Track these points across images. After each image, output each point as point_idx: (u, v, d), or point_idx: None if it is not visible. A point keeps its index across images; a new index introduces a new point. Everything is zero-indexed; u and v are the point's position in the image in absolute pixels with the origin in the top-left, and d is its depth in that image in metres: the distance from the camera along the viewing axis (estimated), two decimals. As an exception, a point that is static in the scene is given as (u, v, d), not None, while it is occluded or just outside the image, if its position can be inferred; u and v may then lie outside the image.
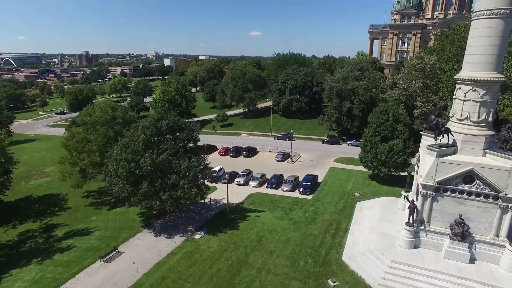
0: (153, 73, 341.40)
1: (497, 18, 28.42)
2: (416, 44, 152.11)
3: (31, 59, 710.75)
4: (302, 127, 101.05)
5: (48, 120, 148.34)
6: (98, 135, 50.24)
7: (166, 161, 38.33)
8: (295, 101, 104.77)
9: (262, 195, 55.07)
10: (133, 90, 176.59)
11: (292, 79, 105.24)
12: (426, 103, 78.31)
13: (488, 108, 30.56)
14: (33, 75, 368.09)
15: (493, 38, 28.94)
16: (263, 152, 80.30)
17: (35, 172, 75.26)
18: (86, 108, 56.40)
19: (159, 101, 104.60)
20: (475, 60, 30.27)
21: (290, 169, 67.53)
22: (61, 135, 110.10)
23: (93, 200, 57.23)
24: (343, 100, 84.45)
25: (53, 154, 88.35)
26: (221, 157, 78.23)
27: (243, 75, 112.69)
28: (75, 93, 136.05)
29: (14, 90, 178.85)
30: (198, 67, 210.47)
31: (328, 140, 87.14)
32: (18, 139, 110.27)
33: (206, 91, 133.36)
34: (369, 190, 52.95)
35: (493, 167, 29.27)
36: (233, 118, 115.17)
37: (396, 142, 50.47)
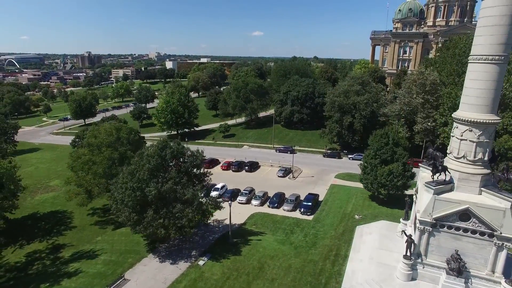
0: (155, 76, 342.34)
1: (493, 64, 29.30)
2: (417, 53, 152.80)
3: (34, 60, 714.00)
4: (303, 138, 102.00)
5: (51, 127, 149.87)
6: (104, 157, 51.36)
7: (171, 190, 39.38)
8: (297, 112, 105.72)
9: (264, 215, 56.09)
10: (136, 96, 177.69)
11: (294, 90, 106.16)
12: (427, 118, 79.12)
13: (484, 148, 31.45)
14: (36, 77, 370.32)
15: (489, 82, 29.84)
16: (265, 167, 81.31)
17: (41, 185, 76.41)
18: (92, 129, 57.38)
19: (162, 112, 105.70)
20: (471, 101, 31.17)
21: (291, 186, 68.57)
22: (65, 144, 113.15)
23: (98, 219, 58.37)
24: (344, 115, 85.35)
25: (58, 166, 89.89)
26: (223, 171, 79.25)
27: (245, 85, 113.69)
28: (79, 100, 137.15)
29: (18, 95, 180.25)
30: (200, 72, 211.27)
31: (329, 153, 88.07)
32: (22, 148, 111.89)
33: (209, 99, 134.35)
34: (369, 212, 53.87)
35: (488, 207, 30.17)
36: (235, 128, 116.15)
37: (396, 165, 51.37)
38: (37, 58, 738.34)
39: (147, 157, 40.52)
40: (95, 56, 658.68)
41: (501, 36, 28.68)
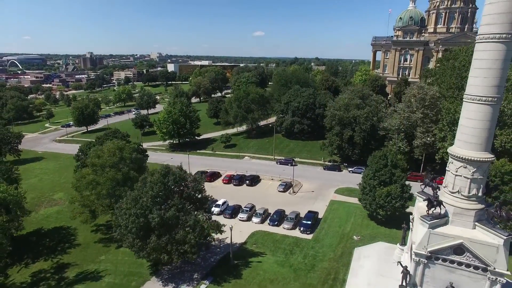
0: (157, 79, 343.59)
1: (487, 104, 30.18)
2: (418, 61, 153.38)
3: (36, 61, 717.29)
4: (304, 150, 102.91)
5: (54, 133, 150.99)
6: (107, 178, 52.36)
7: (173, 216, 40.38)
8: (298, 123, 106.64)
9: (264, 234, 57.09)
10: (138, 102, 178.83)
11: (294, 101, 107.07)
12: (426, 133, 79.93)
13: (478, 184, 32.33)
14: (38, 80, 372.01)
15: (483, 122, 30.71)
16: (265, 180, 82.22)
17: (44, 199, 77.50)
18: (95, 149, 58.36)
19: (163, 122, 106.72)
20: (466, 139, 32.04)
21: (291, 202, 69.52)
22: (68, 153, 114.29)
23: (102, 236, 59.39)
24: (344, 128, 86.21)
25: (61, 177, 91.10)
26: (225, 185, 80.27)
27: (246, 95, 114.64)
28: (81, 108, 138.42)
29: (21, 101, 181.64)
30: (202, 78, 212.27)
31: (330, 166, 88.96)
32: (26, 156, 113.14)
33: (210, 107, 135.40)
34: (367, 232, 54.78)
35: (482, 242, 31.06)
36: (236, 138, 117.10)
37: (394, 187, 52.25)
38: (39, 59, 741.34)
39: (150, 184, 41.48)
40: (97, 58, 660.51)
41: (495, 79, 29.57)
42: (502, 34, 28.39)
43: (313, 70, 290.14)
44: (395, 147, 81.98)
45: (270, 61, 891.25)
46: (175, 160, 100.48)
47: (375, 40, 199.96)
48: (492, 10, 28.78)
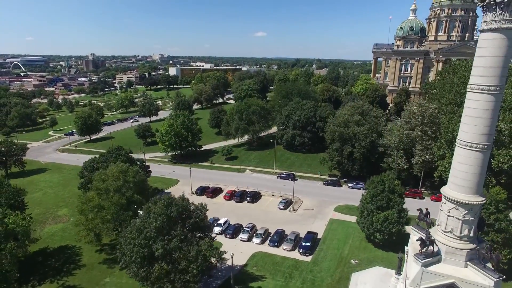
0: (159, 82, 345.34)
1: (477, 151, 31.37)
2: (418, 70, 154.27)
3: (39, 62, 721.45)
4: (304, 163, 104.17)
5: (58, 142, 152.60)
6: (112, 203, 53.83)
7: (176, 247, 41.77)
8: (298, 136, 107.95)
9: (264, 255, 58.52)
10: (140, 110, 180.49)
11: (295, 114, 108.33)
12: (425, 150, 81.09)
13: (470, 225, 33.54)
14: (41, 83, 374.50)
15: (474, 167, 31.91)
16: (266, 197, 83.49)
17: (49, 215, 79.08)
18: (100, 172, 59.80)
19: (166, 135, 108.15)
20: (458, 182, 33.24)
21: (291, 221, 70.90)
22: (72, 164, 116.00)
23: (106, 256, 60.87)
24: (344, 144, 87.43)
25: (65, 191, 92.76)
26: (226, 201, 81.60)
27: (248, 108, 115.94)
28: (84, 118, 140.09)
29: (25, 108, 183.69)
30: (203, 85, 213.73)
31: (329, 182, 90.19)
32: (30, 167, 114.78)
33: (212, 117, 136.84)
34: (365, 256, 56.06)
35: (473, 283, 32.25)
36: (238, 149, 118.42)
37: (391, 212, 53.48)
38: (42, 60, 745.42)
39: (154, 215, 42.87)
40: (99, 61, 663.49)
41: (484, 128, 30.77)
42: (491, 87, 29.59)
43: (314, 75, 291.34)
44: (394, 164, 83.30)
45: (271, 63, 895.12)
46: (177, 173, 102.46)
47: (376, 48, 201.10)
48: (481, 63, 29.99)
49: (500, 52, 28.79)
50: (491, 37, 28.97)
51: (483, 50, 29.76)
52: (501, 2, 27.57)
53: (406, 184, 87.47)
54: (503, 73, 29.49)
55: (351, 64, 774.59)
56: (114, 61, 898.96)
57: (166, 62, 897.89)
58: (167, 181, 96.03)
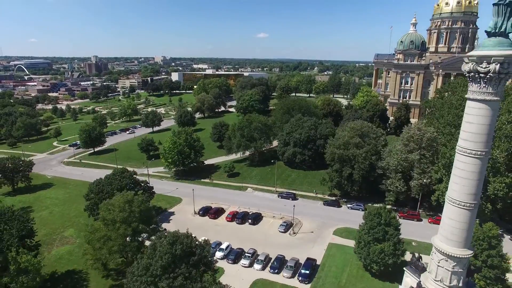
0: (161, 88, 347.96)
1: (465, 209, 33.30)
2: (419, 84, 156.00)
3: (42, 65, 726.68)
4: (304, 181, 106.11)
5: (62, 154, 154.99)
6: (118, 235, 55.99)
7: (181, 285, 43.82)
8: (299, 154, 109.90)
9: (265, 282, 60.70)
10: (143, 121, 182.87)
11: (296, 132, 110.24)
12: (423, 174, 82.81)
13: (459, 276, 35.48)
14: (45, 88, 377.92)
15: (462, 223, 33.90)
16: (267, 218, 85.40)
17: (56, 236, 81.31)
18: (106, 202, 61.92)
19: (169, 152, 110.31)
20: (447, 236, 35.19)
21: (291, 244, 72.94)
22: (77, 179, 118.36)
23: (113, 282, 62.92)
24: (344, 166, 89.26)
25: (71, 210, 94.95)
26: (228, 223, 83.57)
27: (249, 124, 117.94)
28: (88, 131, 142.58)
29: (30, 118, 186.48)
30: (206, 94, 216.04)
31: (329, 202, 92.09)
32: (36, 182, 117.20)
33: (214, 132, 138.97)
34: (362, 286, 58.02)
35: (461, 331, 34.22)
36: (239, 165, 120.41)
37: (387, 244, 55.35)
38: (45, 63, 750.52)
39: (159, 254, 44.95)
40: (101, 64, 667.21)
41: (472, 188, 32.73)
42: (477, 151, 31.51)
43: (316, 82, 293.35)
44: (392, 186, 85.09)
45: (273, 65, 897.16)
46: (181, 190, 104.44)
47: (377, 58, 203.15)
48: (468, 129, 31.92)
49: (485, 120, 30.72)
50: (477, 107, 30.89)
51: (470, 117, 31.66)
52: (485, 76, 29.46)
53: (404, 205, 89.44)
54: (488, 139, 31.40)
55: (353, 67, 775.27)
56: (117, 63, 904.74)
57: (168, 64, 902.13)
58: (170, 200, 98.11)
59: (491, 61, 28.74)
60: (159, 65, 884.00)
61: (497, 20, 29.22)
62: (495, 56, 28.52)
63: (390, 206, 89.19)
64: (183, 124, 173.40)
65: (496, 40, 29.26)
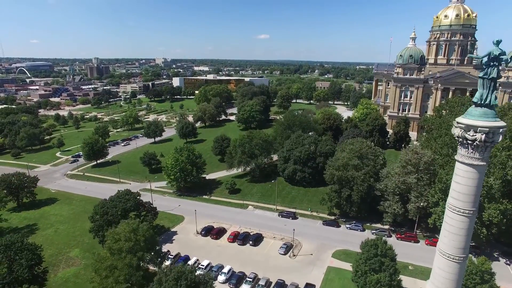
0: (163, 94, 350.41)
1: (455, 262, 35.28)
2: (418, 97, 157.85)
3: (44, 67, 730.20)
4: (305, 199, 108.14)
5: (66, 166, 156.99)
6: (124, 264, 58.10)
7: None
8: (299, 171, 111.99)
9: (265, 310, 62.65)
10: (145, 131, 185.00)
11: (296, 150, 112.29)
12: (420, 197, 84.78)
13: (449, 322, 37.41)
14: (47, 93, 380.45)
15: (451, 275, 35.85)
16: (268, 239, 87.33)
17: (62, 256, 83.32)
18: (112, 231, 63.95)
19: (171, 169, 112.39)
20: (438, 285, 37.11)
21: (291, 268, 74.97)
22: (81, 194, 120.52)
23: (117, 308, 65.11)
24: (343, 187, 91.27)
25: (76, 228, 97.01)
26: (229, 244, 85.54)
27: (250, 141, 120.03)
28: (91, 144, 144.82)
29: (33, 128, 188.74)
30: (207, 104, 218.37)
31: (328, 222, 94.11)
32: (40, 197, 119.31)
33: (215, 146, 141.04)
34: (359, 315, 60.04)
35: None
36: (240, 181, 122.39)
37: (383, 275, 57.31)
38: (47, 65, 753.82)
39: (165, 290, 47.14)
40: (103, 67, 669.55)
41: (461, 243, 34.70)
42: (465, 210, 33.51)
43: (316, 89, 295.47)
44: (390, 209, 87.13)
45: (274, 68, 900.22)
46: (183, 208, 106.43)
47: (377, 69, 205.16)
48: (457, 188, 33.92)
49: (473, 183, 32.72)
50: (465, 169, 32.88)
51: (459, 177, 33.67)
52: (472, 143, 31.46)
53: (401, 225, 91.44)
54: (475, 199, 33.40)
55: (354, 70, 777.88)
56: (118, 65, 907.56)
57: (169, 66, 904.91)
58: (173, 218, 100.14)
59: (477, 130, 30.72)
60: (160, 67, 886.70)
61: (482, 92, 31.20)
62: (481, 127, 30.49)
63: (388, 227, 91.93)
64: (184, 135, 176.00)
65: (482, 110, 31.24)
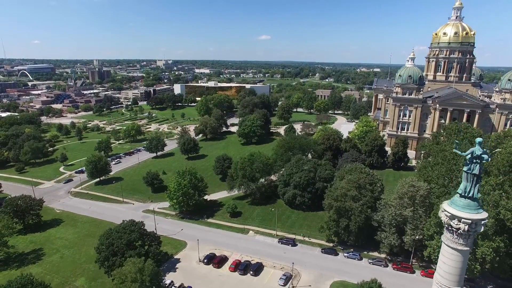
0: (164, 101, 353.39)
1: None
2: (417, 117, 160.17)
3: (45, 70, 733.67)
4: (304, 224, 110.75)
5: (70, 183, 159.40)
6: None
7: None
8: (299, 196, 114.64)
9: None
10: (147, 146, 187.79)
11: (296, 175, 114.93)
12: (416, 230, 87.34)
13: None
14: (49, 100, 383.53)
15: None
16: (268, 268, 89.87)
17: (68, 286, 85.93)
18: (119, 272, 66.68)
19: (174, 193, 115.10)
20: None
21: (290, 302, 77.66)
22: (85, 215, 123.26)
23: None
24: (341, 217, 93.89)
25: (81, 255, 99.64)
26: (231, 273, 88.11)
27: (251, 164, 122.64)
28: (95, 162, 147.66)
29: (37, 142, 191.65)
30: (208, 117, 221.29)
31: (327, 250, 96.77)
32: (45, 217, 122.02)
33: (216, 165, 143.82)
34: None
35: None
36: (241, 203, 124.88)
37: (379, 319, 60.08)
38: (48, 68, 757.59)
39: None
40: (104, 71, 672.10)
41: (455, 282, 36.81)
42: (451, 287, 36.08)
43: (317, 100, 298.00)
44: (386, 240, 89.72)
45: (274, 71, 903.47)
46: (185, 232, 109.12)
47: (376, 85, 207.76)
48: (443, 267, 36.43)
49: (457, 264, 35.29)
50: (450, 252, 35.45)
51: (445, 258, 36.23)
52: (456, 231, 34.02)
53: (397, 255, 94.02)
54: (460, 279, 35.93)
55: (354, 74, 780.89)
56: (119, 67, 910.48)
57: (170, 68, 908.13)
58: (175, 244, 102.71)
59: (461, 220, 33.26)
60: (161, 69, 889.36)
61: (466, 185, 33.76)
62: (464, 218, 33.06)
63: (385, 255, 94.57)
64: (186, 151, 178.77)
65: (466, 202, 33.77)
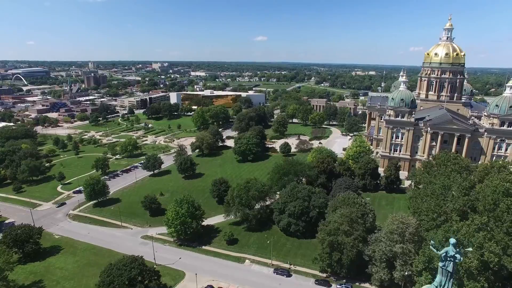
0: (160, 111, 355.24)
1: None
2: (409, 139, 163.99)
3: (40, 73, 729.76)
4: (298, 252, 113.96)
5: (68, 204, 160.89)
6: None
7: None
8: (294, 224, 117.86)
9: None
10: (144, 165, 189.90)
11: (290, 204, 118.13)
12: (405, 265, 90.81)
13: None
14: (45, 108, 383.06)
15: None
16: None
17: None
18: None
19: (172, 222, 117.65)
20: None
21: None
22: (84, 242, 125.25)
23: None
24: (333, 250, 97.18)
25: (81, 287, 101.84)
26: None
27: (247, 191, 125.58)
28: (93, 185, 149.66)
29: (35, 160, 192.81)
30: (205, 132, 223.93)
31: (320, 281, 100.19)
32: (45, 244, 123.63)
33: (213, 189, 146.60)
34: None
35: None
36: (237, 229, 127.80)
37: None
38: (43, 71, 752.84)
39: None
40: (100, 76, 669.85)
41: None
42: None
43: (312, 112, 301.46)
44: (377, 275, 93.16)
45: (270, 75, 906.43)
46: (183, 261, 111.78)
47: (370, 102, 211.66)
48: None
49: None
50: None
51: None
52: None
53: None
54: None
55: (350, 78, 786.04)
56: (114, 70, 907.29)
57: (166, 71, 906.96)
58: (174, 274, 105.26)
59: (439, 312, 36.48)
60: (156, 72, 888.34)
61: (441, 279, 36.99)
62: (442, 311, 36.30)
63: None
64: (183, 170, 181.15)
65: (442, 295, 37.04)
